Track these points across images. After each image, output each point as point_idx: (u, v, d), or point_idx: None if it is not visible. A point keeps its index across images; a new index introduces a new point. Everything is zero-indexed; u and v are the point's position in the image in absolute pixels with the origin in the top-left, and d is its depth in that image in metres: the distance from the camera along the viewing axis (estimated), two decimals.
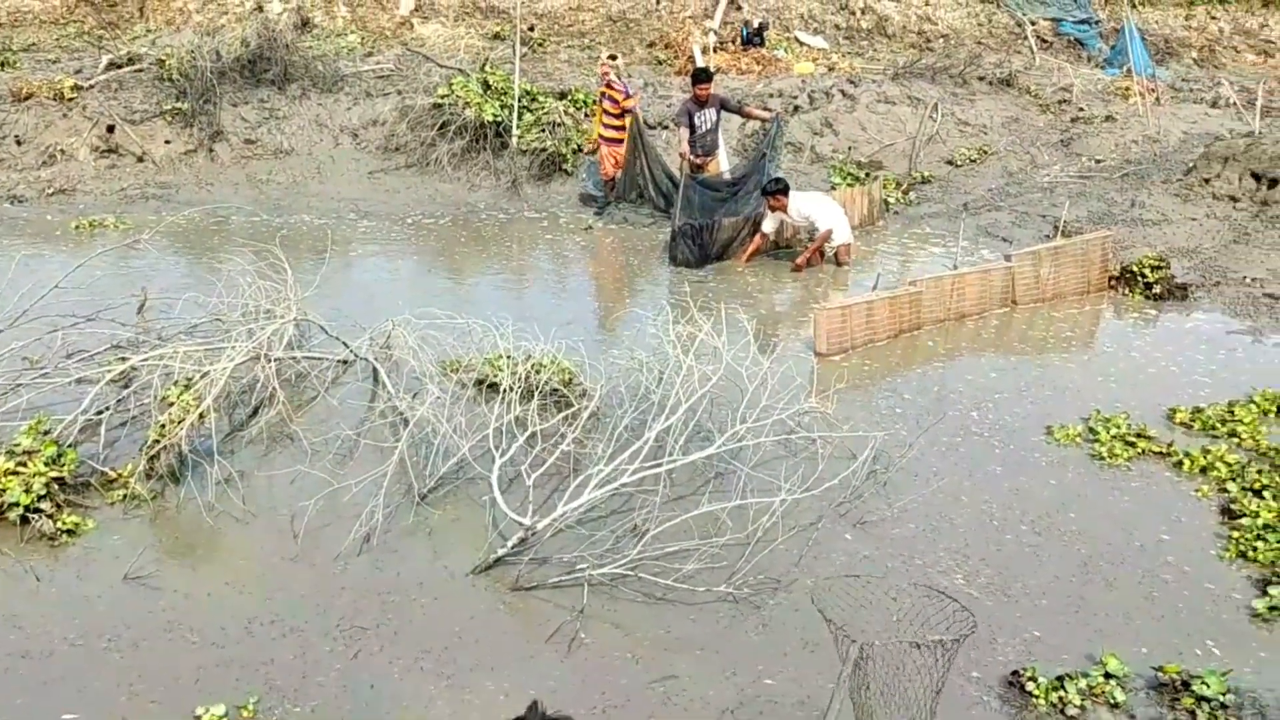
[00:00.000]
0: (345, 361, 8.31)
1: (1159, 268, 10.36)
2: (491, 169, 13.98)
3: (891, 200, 13.28)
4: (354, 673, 5.18)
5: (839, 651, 4.47)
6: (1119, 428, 7.48)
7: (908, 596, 5.00)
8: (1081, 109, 15.85)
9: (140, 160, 13.89)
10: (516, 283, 11.22)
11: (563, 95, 14.80)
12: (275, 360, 7.59)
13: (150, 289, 9.08)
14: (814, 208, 10.98)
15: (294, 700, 4.99)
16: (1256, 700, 4.98)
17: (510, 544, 5.96)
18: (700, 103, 12.08)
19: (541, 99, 14.42)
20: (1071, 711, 4.89)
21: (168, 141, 14.10)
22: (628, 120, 12.50)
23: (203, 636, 5.40)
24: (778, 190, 10.89)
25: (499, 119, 13.97)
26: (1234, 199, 11.92)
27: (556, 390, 7.63)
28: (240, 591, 5.77)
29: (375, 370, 7.97)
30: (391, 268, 11.37)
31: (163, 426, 6.60)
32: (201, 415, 6.66)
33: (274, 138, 14.28)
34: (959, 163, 14.53)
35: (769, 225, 11.17)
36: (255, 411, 7.44)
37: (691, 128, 12.12)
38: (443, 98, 14.15)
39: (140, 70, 15.15)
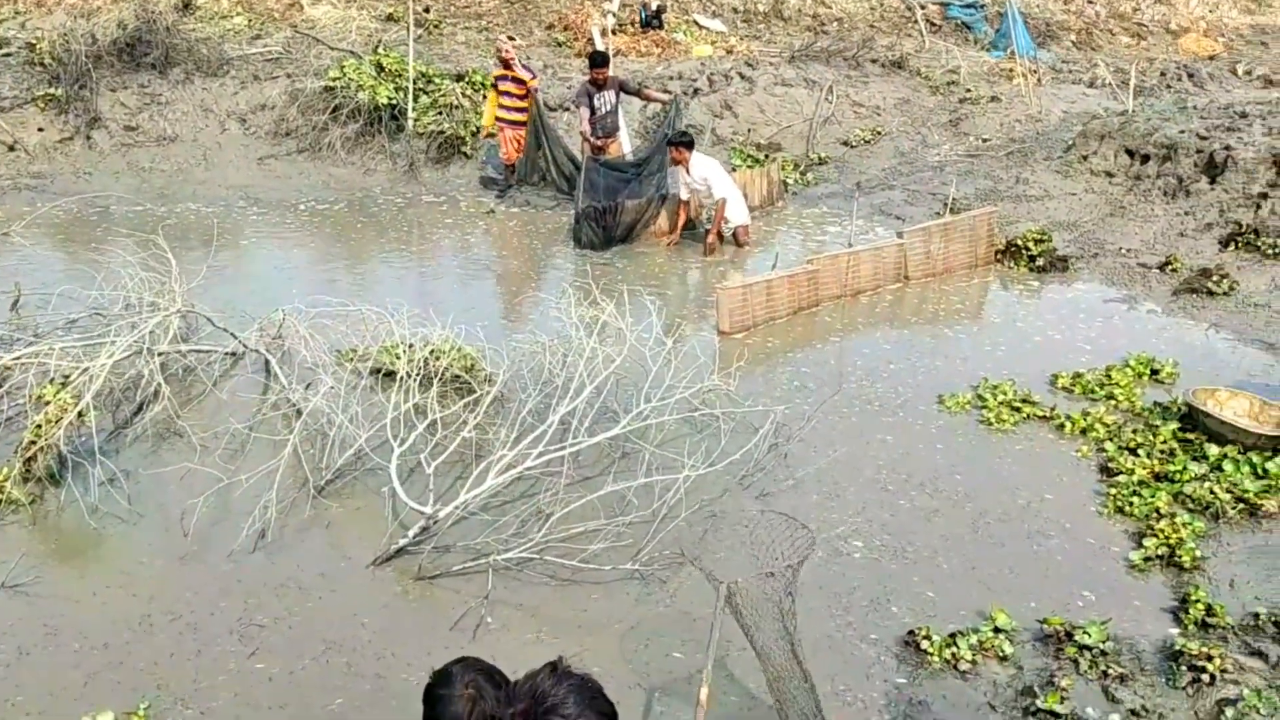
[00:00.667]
0: (235, 354, 8.18)
1: (1042, 241, 10.80)
2: (387, 153, 13.84)
3: (790, 181, 13.53)
4: (251, 670, 5.12)
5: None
6: (1005, 394, 7.80)
7: (758, 525, 5.00)
8: (969, 90, 16.33)
9: (11, 149, 13.40)
10: (416, 269, 11.15)
11: (460, 77, 14.70)
12: (160, 354, 7.45)
13: (25, 284, 8.80)
14: (711, 172, 11.09)
15: (188, 702, 4.88)
16: (1134, 646, 5.26)
17: (411, 534, 5.96)
18: (598, 85, 12.13)
19: (438, 81, 14.32)
20: (964, 666, 5.11)
21: (41, 129, 13.63)
22: (529, 102, 12.49)
23: (88, 641, 5.26)
24: (681, 142, 11.00)
25: (394, 102, 13.82)
26: (1110, 174, 12.43)
27: (458, 377, 7.63)
28: (129, 594, 5.63)
29: (266, 361, 7.87)
30: (284, 256, 11.19)
31: (39, 427, 6.39)
32: (81, 414, 6.48)
33: (156, 124, 13.91)
34: (854, 144, 14.86)
35: (685, 192, 11.28)
36: (140, 408, 7.28)
37: (591, 109, 12.17)
38: (334, 80, 13.97)
39: (9, 55, 14.59)
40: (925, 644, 5.21)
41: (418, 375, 7.12)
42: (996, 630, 5.31)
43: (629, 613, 5.58)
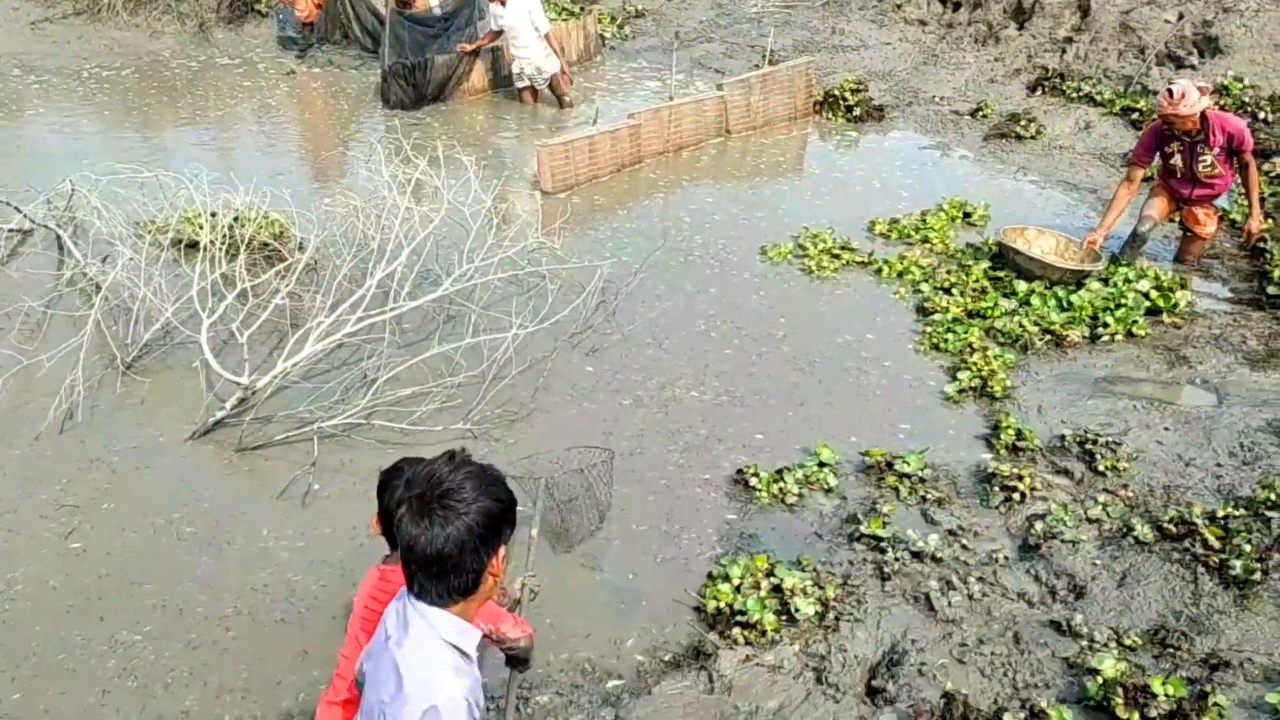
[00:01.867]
0: (22, 230, 7.58)
1: (858, 91, 10.99)
2: (175, 13, 12.89)
3: (607, 35, 13.26)
4: (68, 552, 4.90)
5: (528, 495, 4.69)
6: (825, 242, 8.00)
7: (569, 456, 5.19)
8: None
9: None
10: (215, 135, 10.47)
11: None
12: None
13: None
14: (519, 11, 10.65)
15: (7, 592, 4.67)
16: (950, 472, 5.58)
17: (229, 405, 5.74)
18: None
19: None
20: (790, 500, 5.33)
21: None
22: None
23: None
24: None
25: None
26: (923, 23, 12.67)
27: (266, 245, 7.30)
28: None
29: (58, 236, 7.33)
30: (71, 127, 10.34)
31: None
32: None
33: None
34: None
35: (494, 24, 10.88)
36: None
37: None
38: None
39: None
40: (754, 481, 5.40)
41: (223, 244, 6.76)
42: (821, 464, 5.54)
43: None
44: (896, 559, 4.80)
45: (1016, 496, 5.24)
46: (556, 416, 5.99)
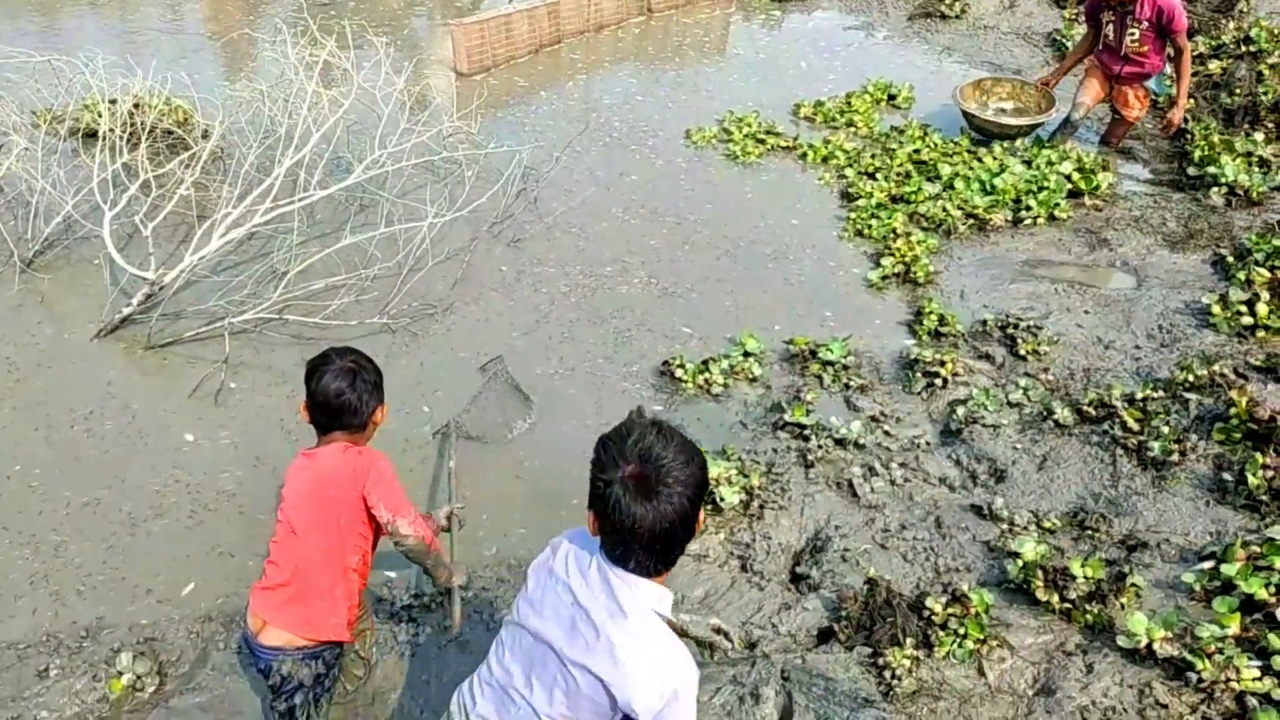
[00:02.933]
0: None
1: None
2: None
3: None
4: None
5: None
6: (750, 126, 7.86)
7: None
8: None
9: None
10: (111, 20, 9.86)
11: None
12: None
13: None
14: None
15: None
16: (873, 359, 5.61)
17: (135, 301, 5.52)
18: None
19: None
20: (716, 390, 5.31)
21: None
22: None
23: None
24: None
25: None
26: None
27: (170, 132, 6.96)
28: None
29: None
30: None
31: None
32: None
33: None
34: None
35: None
36: None
37: None
38: None
39: None
40: (679, 372, 5.37)
41: (124, 133, 6.40)
42: (746, 354, 5.52)
43: (380, 364, 5.38)
44: (820, 446, 4.83)
45: (939, 382, 5.28)
46: (476, 310, 5.87)
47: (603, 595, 2.28)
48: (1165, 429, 4.63)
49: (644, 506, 2.13)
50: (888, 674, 3.52)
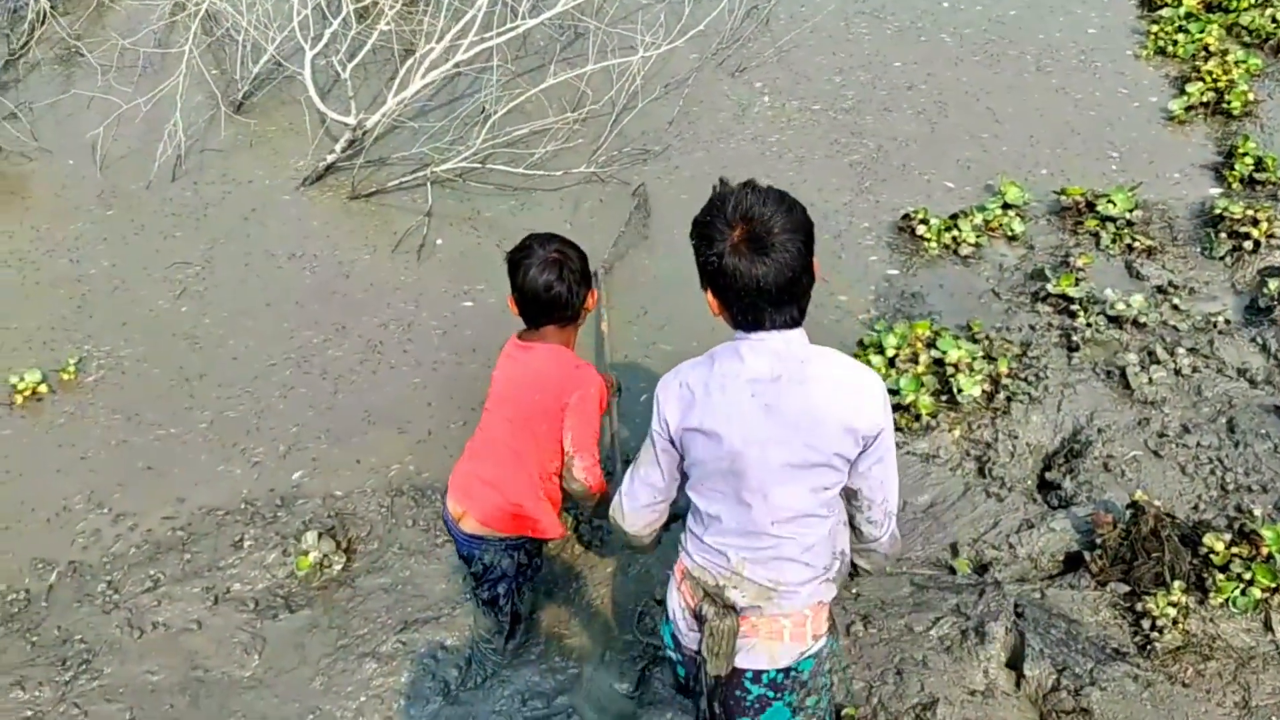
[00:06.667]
0: None
1: None
2: None
3: None
4: (179, 313, 4.88)
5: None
6: None
7: None
8: None
9: None
10: None
11: None
12: None
13: None
14: None
15: (117, 354, 4.70)
16: (1166, 213, 4.89)
17: (339, 148, 5.51)
18: None
19: None
20: (965, 251, 4.77)
21: None
22: None
23: (9, 303, 4.97)
24: None
25: None
26: None
27: None
28: (44, 243, 5.29)
29: None
30: None
31: None
32: None
33: None
34: None
35: None
36: (31, 31, 6.62)
37: None
38: None
39: None
40: (921, 229, 4.85)
41: None
42: (1006, 206, 4.93)
43: (588, 222, 5.19)
44: (1089, 324, 4.26)
45: (1249, 245, 4.54)
46: (695, 152, 5.51)
47: (769, 362, 2.26)
48: None
49: (763, 264, 2.17)
50: (1146, 623, 3.08)
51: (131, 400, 4.46)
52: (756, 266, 2.17)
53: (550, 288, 2.98)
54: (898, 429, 3.93)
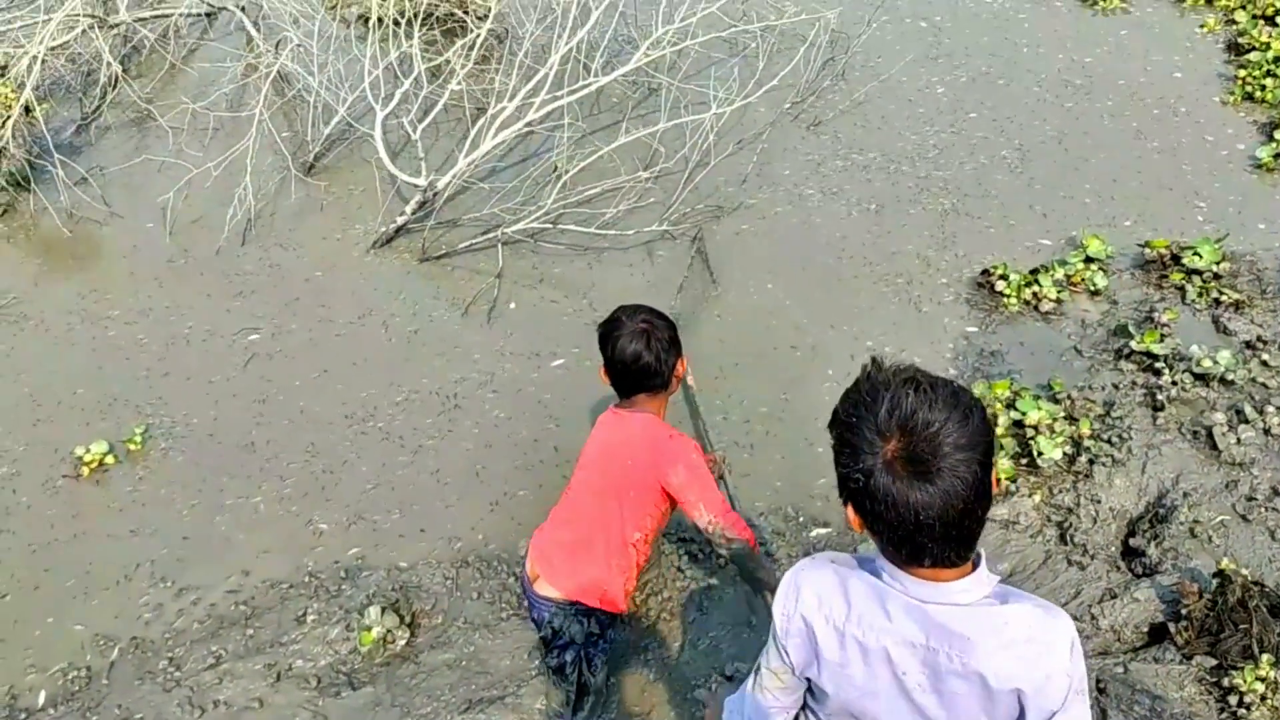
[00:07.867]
0: (204, 14, 7.67)
1: None
2: None
3: None
4: (251, 382, 5.04)
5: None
6: None
7: None
8: None
9: None
10: None
11: None
12: (115, 26, 7.01)
13: None
14: None
15: (184, 423, 4.83)
16: (1255, 265, 4.88)
17: (409, 209, 5.71)
18: None
19: None
20: (1046, 307, 4.81)
21: None
22: None
23: (77, 368, 5.15)
24: None
25: None
26: None
27: (452, 15, 7.08)
28: (114, 312, 5.47)
29: (244, 21, 7.36)
30: None
31: None
32: (28, 108, 6.16)
33: None
34: None
35: None
36: (104, 95, 6.95)
37: None
38: None
39: None
40: (1001, 284, 4.90)
41: (401, 16, 6.55)
42: (1088, 260, 4.95)
43: (659, 279, 5.31)
44: (1174, 382, 4.27)
45: None
46: (771, 210, 5.61)
47: (923, 628, 1.86)
48: None
49: (925, 490, 1.73)
50: (1234, 698, 3.08)
51: (197, 470, 4.57)
52: (917, 493, 1.75)
53: (639, 358, 3.13)
54: None
